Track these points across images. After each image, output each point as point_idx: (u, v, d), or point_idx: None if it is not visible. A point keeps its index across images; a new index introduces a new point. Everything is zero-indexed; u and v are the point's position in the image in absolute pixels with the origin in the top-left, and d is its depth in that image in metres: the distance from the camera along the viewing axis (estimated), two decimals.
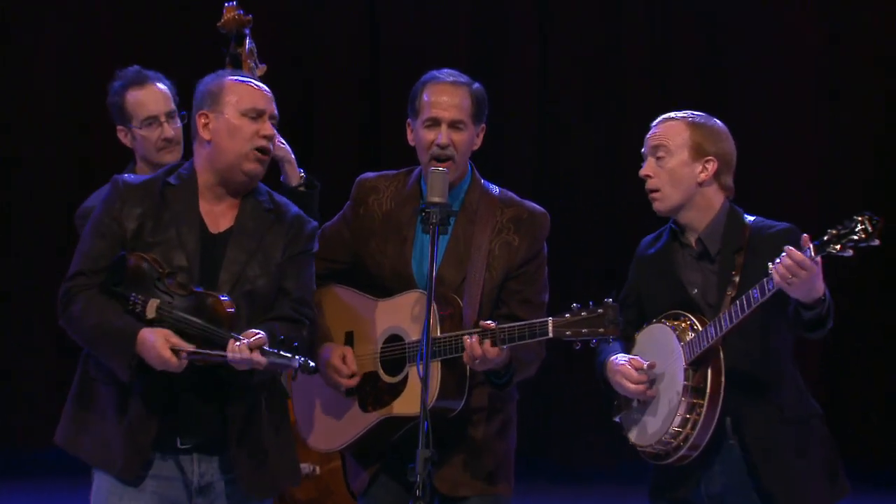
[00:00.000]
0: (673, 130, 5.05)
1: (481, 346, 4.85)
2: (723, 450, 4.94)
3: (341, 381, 5.11)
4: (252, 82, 4.89)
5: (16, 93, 9.50)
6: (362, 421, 5.11)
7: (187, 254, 4.74)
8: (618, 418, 5.08)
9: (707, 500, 4.98)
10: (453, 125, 5.09)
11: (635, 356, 4.98)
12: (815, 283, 4.65)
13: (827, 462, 4.99)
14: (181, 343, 4.57)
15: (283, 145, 5.54)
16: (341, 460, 5.43)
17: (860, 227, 4.56)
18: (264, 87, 4.89)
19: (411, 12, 9.56)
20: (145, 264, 4.68)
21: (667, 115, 5.11)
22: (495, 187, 5.25)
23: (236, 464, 4.74)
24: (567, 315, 4.81)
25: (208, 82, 4.88)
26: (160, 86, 5.70)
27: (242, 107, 4.81)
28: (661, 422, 4.92)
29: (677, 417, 4.87)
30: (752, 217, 5.07)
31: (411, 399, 4.97)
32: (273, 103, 4.87)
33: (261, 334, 4.59)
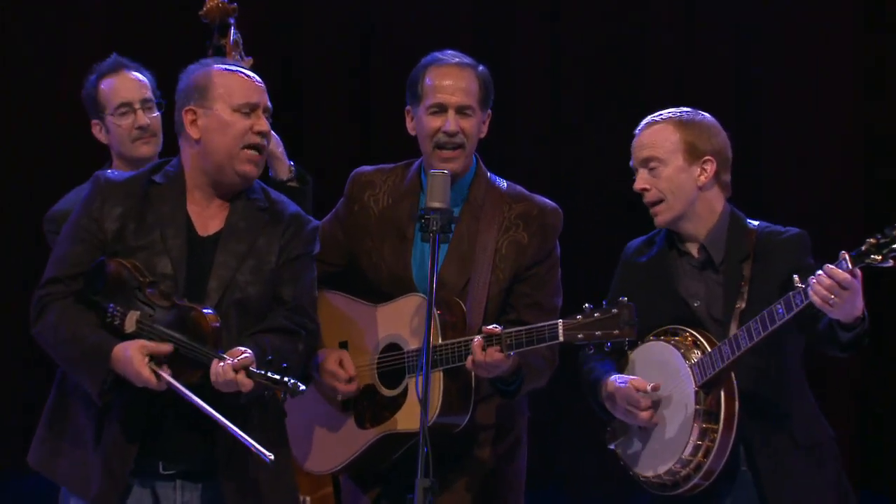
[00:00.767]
0: (661, 136, 4.86)
1: (486, 352, 4.68)
2: (736, 478, 4.79)
3: (339, 387, 4.96)
4: (242, 72, 4.72)
5: None
6: (360, 438, 4.97)
7: (172, 260, 4.57)
8: (613, 446, 4.92)
9: None
10: (461, 111, 4.94)
11: (635, 377, 4.79)
12: (857, 302, 4.53)
13: (838, 484, 4.85)
14: (158, 349, 4.42)
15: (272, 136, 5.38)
16: (333, 486, 5.37)
17: None
18: (255, 77, 4.72)
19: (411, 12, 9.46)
20: (126, 272, 4.53)
21: (650, 119, 4.92)
22: (503, 181, 5.09)
23: (223, 493, 4.56)
24: (579, 317, 4.64)
25: (193, 73, 4.69)
26: (136, 74, 5.60)
27: (234, 102, 4.63)
28: (670, 450, 4.75)
29: (689, 445, 4.70)
30: (755, 221, 4.92)
31: (412, 413, 4.82)
32: (266, 94, 4.70)
33: (247, 353, 4.42)
